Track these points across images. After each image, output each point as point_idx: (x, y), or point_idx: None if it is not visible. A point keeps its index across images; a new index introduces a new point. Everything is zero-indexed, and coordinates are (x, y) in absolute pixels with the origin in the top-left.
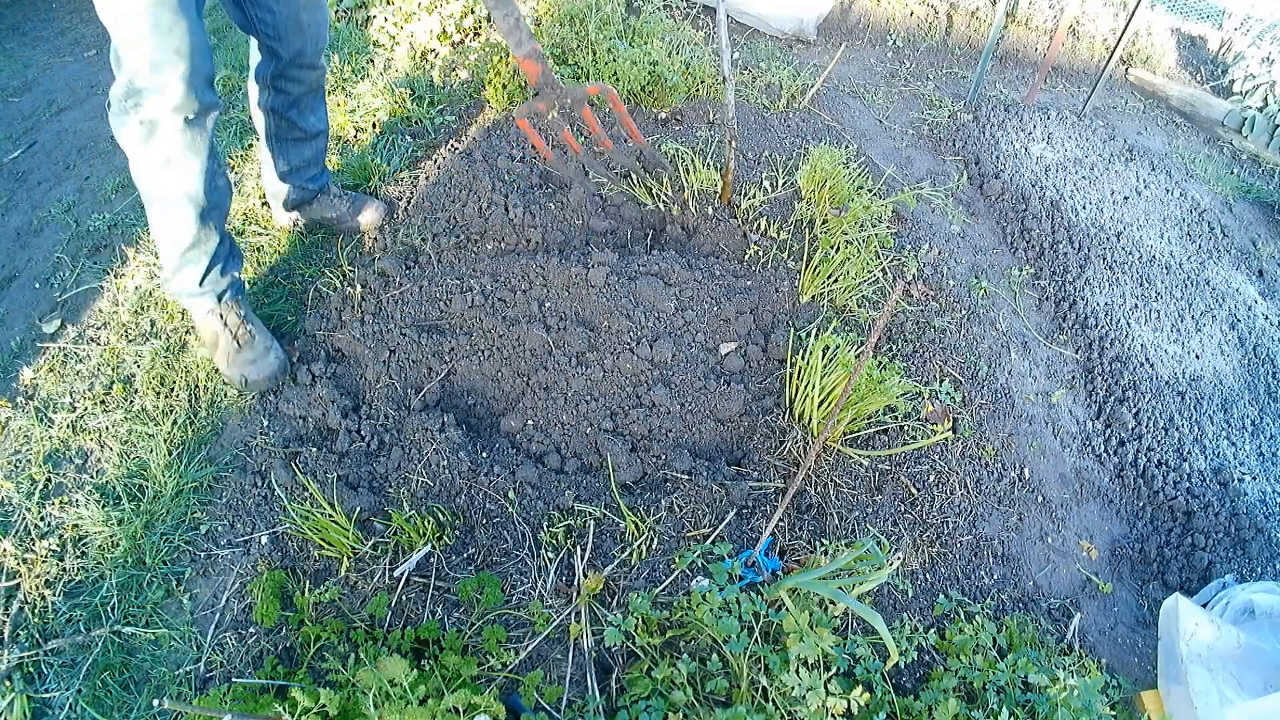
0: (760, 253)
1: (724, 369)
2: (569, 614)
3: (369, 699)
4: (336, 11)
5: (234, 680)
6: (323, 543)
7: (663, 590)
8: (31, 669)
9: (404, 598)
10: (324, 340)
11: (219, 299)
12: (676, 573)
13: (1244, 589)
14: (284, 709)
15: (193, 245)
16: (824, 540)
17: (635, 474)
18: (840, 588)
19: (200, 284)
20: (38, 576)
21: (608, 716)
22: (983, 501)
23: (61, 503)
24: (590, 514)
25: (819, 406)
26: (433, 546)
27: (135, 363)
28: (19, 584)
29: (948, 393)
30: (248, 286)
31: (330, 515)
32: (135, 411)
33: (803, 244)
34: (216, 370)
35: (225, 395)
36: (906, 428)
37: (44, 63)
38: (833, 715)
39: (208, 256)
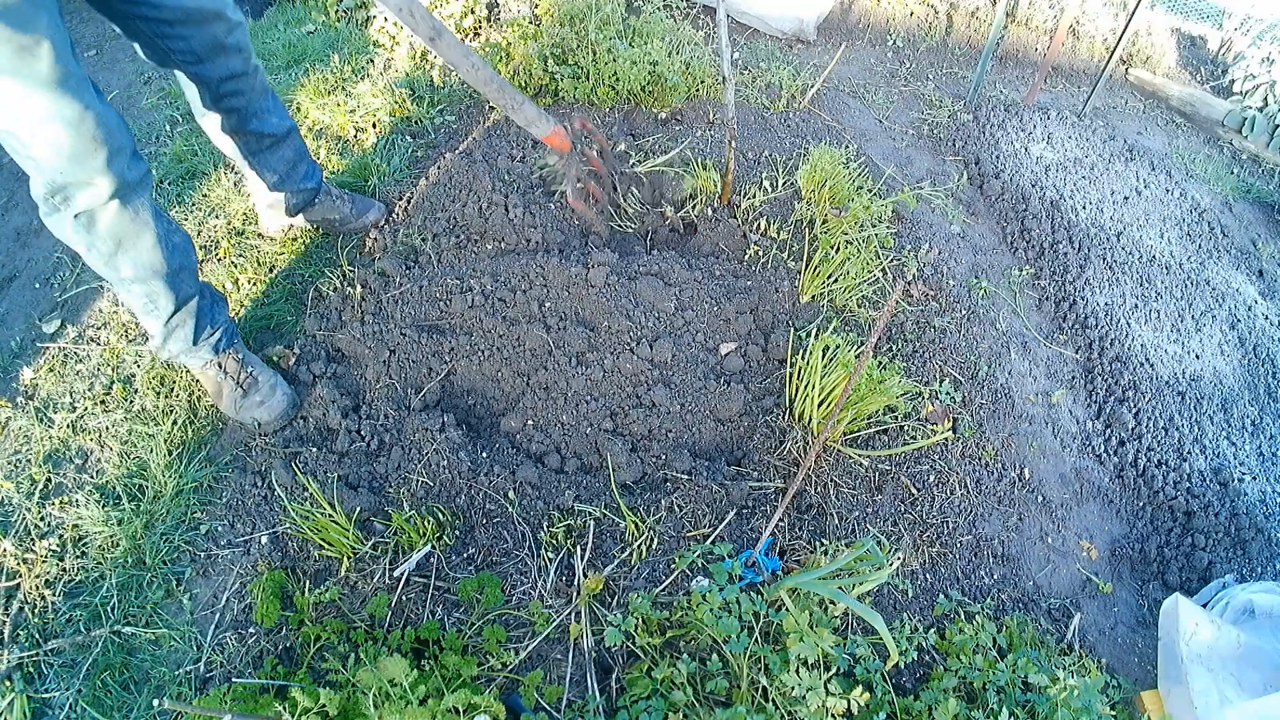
0: (760, 253)
1: (724, 369)
2: (569, 614)
3: (369, 699)
4: (336, 11)
5: (234, 680)
6: (323, 543)
7: (663, 590)
8: (31, 669)
9: (404, 598)
10: (324, 340)
11: (216, 350)
12: (676, 573)
13: (1244, 589)
14: (284, 709)
15: (175, 312)
16: (824, 540)
17: (635, 474)
18: (840, 588)
19: (195, 344)
20: (38, 576)
21: (608, 716)
22: (983, 501)
23: (61, 503)
24: (590, 514)
25: (819, 406)
26: (433, 546)
27: (135, 363)
28: (19, 584)
29: (948, 393)
30: (248, 288)
31: (330, 515)
32: (135, 411)
33: (803, 244)
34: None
35: None
36: (906, 428)
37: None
38: (833, 715)
39: (192, 316)
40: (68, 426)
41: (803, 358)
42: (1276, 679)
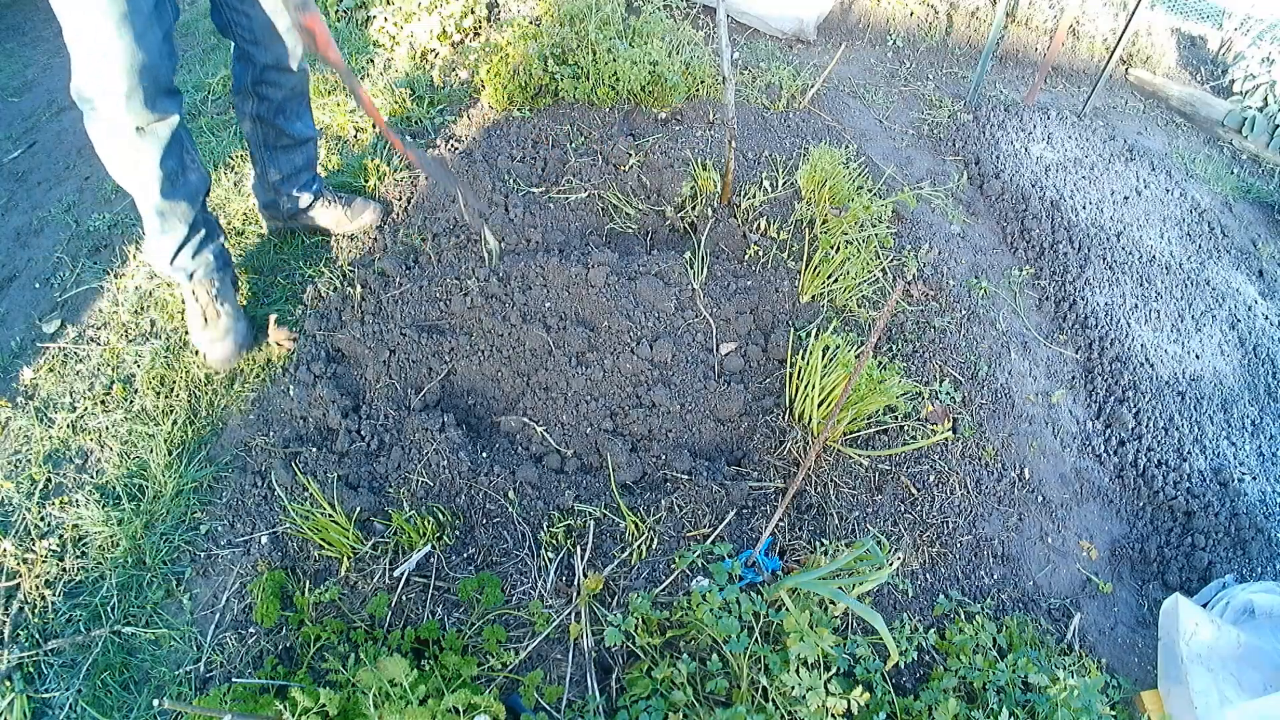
0: (760, 253)
1: (724, 369)
2: (569, 614)
3: (369, 699)
4: (336, 11)
5: (234, 680)
6: (323, 543)
7: (663, 590)
8: (31, 669)
9: (404, 598)
10: (324, 340)
11: (189, 277)
12: (676, 573)
13: (1244, 589)
14: (284, 709)
15: (160, 231)
16: (824, 540)
17: (635, 474)
18: (840, 588)
19: (171, 263)
20: (38, 576)
21: (608, 716)
22: (983, 501)
23: (61, 503)
24: (590, 514)
25: (819, 406)
26: (433, 546)
27: (135, 363)
28: (19, 584)
29: (948, 393)
30: (245, 287)
31: (330, 515)
32: (135, 411)
33: (803, 244)
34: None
35: (225, 395)
36: (906, 428)
37: (44, 63)
38: (833, 715)
39: (176, 241)
40: (68, 426)
41: (803, 358)
42: (1276, 679)
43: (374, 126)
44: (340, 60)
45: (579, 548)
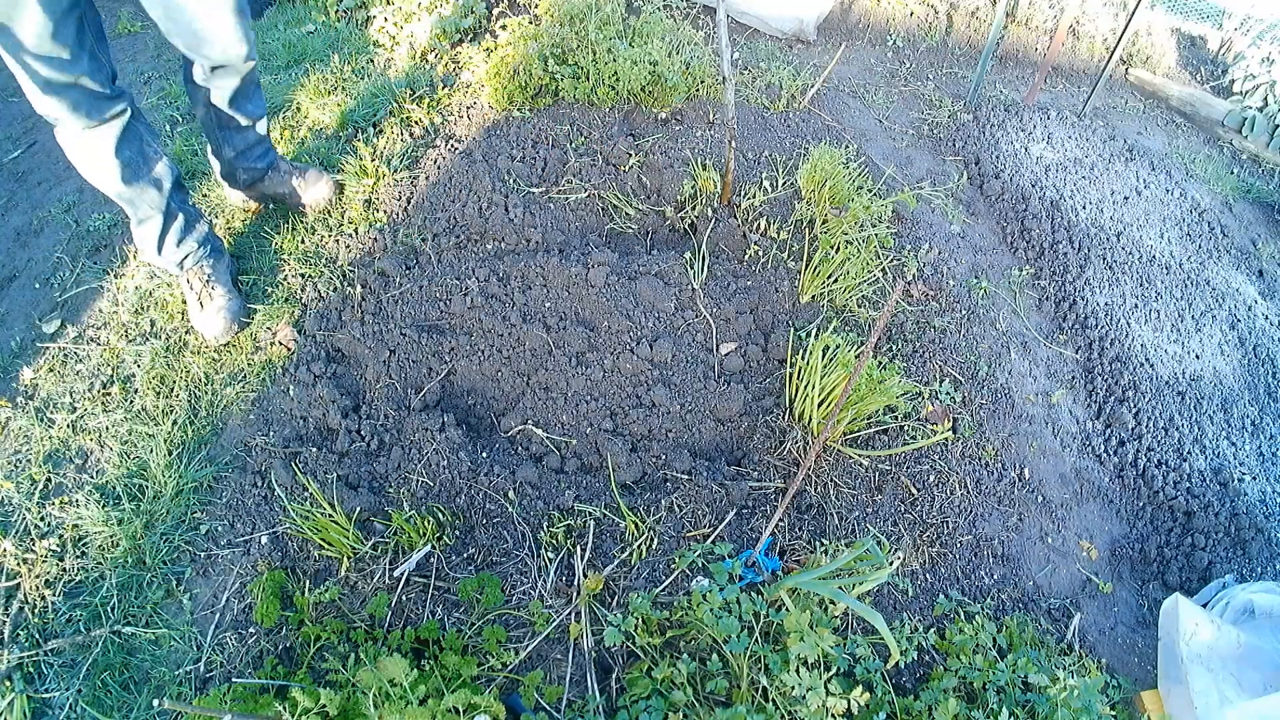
0: (760, 253)
1: (724, 369)
2: (569, 614)
3: (369, 699)
4: (336, 11)
5: (234, 680)
6: (323, 543)
7: (663, 590)
8: (31, 669)
9: (404, 598)
10: (324, 340)
11: (180, 266)
12: (676, 573)
13: (1244, 589)
14: (284, 709)
15: (136, 221)
16: (824, 540)
17: (635, 474)
18: (840, 588)
19: (159, 253)
20: (38, 576)
21: (608, 716)
22: (983, 501)
23: (61, 503)
24: (590, 514)
25: (819, 406)
26: (433, 546)
27: (135, 363)
28: (19, 584)
29: (948, 393)
30: (248, 287)
31: (330, 515)
32: (135, 411)
33: (803, 244)
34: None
35: (225, 395)
36: (906, 428)
37: None
38: (833, 715)
39: (155, 230)
40: (68, 426)
41: (803, 358)
42: (1276, 679)
43: (374, 127)
44: None
45: (579, 548)
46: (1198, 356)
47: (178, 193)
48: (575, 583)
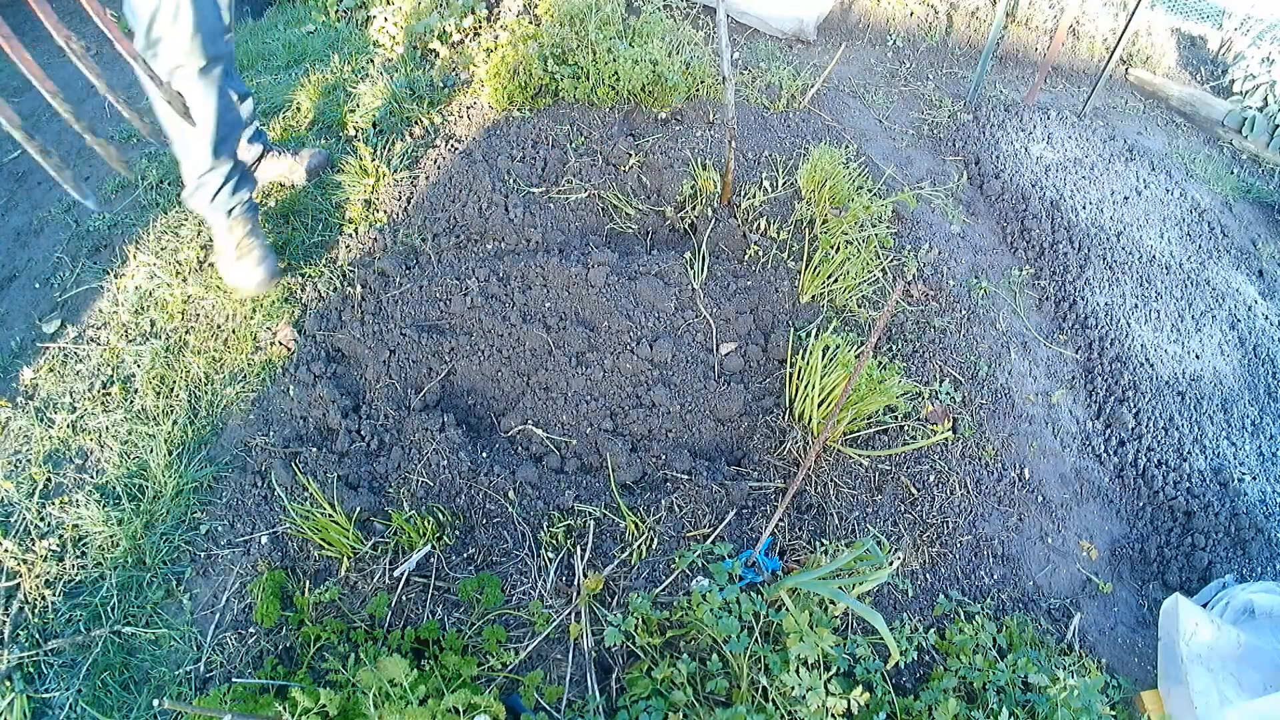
0: (760, 253)
1: (724, 369)
2: (569, 614)
3: (369, 699)
4: (336, 11)
5: (234, 680)
6: (323, 543)
7: (663, 590)
8: (31, 669)
9: (404, 598)
10: (324, 340)
11: (228, 214)
12: (676, 573)
13: (1244, 589)
14: (284, 709)
15: (208, 170)
16: (824, 540)
17: (635, 474)
18: (840, 588)
19: (212, 201)
20: (38, 576)
21: (608, 716)
22: (983, 501)
23: (61, 503)
24: (590, 514)
25: (819, 406)
26: (433, 546)
27: (135, 363)
28: (19, 584)
29: (948, 393)
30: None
31: (330, 515)
32: (135, 411)
33: (803, 244)
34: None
35: (225, 395)
36: (906, 428)
37: (44, 63)
38: (833, 715)
39: (220, 178)
40: (68, 426)
41: (803, 358)
42: (1276, 679)
43: (375, 127)
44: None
45: (579, 548)
46: (1198, 356)
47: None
48: (575, 583)
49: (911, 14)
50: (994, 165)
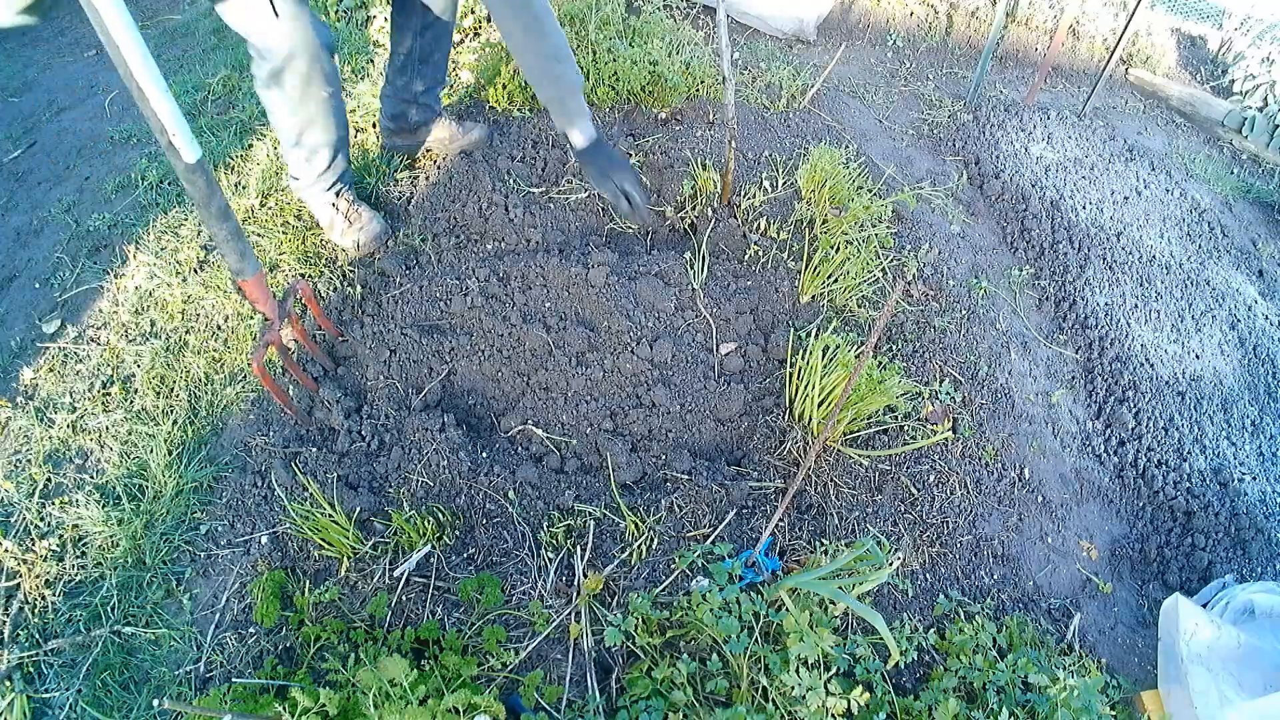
0: (760, 253)
1: (724, 369)
2: (569, 614)
3: (369, 699)
4: (336, 11)
5: (234, 680)
6: (323, 543)
7: (663, 590)
8: (31, 669)
9: (404, 598)
10: (324, 340)
11: (334, 190)
12: (676, 573)
13: (1244, 589)
14: (284, 709)
15: (316, 150)
16: (824, 540)
17: (635, 474)
18: (840, 588)
19: (315, 179)
20: (38, 576)
21: (608, 716)
22: (983, 501)
23: (61, 503)
24: (590, 514)
25: (819, 406)
26: (433, 546)
27: (135, 363)
28: (19, 584)
29: (948, 393)
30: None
31: (330, 515)
32: (135, 411)
33: (803, 244)
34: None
35: (225, 395)
36: (906, 428)
37: (44, 63)
38: (833, 715)
39: (325, 160)
40: (68, 426)
41: (803, 358)
42: (1276, 679)
43: (375, 127)
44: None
45: (579, 548)
46: (1198, 356)
47: None
48: (575, 583)
49: (911, 14)
50: (994, 165)
